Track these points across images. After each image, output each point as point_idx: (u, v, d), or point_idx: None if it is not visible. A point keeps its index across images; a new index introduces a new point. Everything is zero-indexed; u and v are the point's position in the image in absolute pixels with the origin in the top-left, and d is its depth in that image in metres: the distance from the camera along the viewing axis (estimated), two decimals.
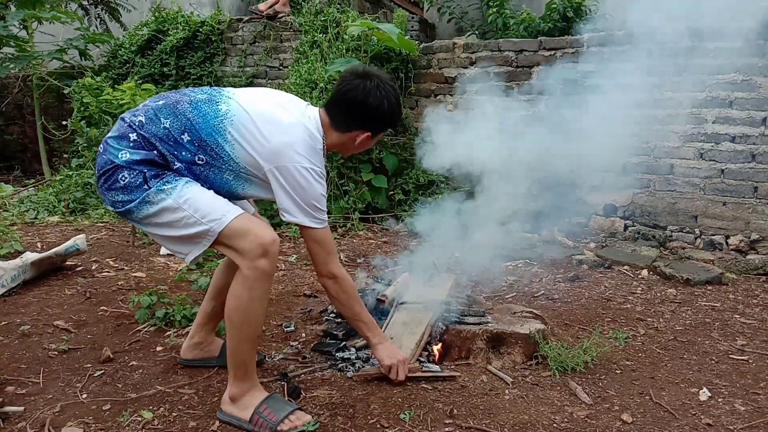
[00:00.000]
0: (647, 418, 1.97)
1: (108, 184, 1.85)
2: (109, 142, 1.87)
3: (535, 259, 3.91)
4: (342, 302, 2.05)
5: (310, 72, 5.05)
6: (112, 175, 1.83)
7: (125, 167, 1.82)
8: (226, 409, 1.90)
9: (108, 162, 1.84)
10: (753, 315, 2.96)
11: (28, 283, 3.11)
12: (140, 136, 1.84)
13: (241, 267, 1.79)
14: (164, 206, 1.80)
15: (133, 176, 1.82)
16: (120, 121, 1.92)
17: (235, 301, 1.81)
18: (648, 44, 4.14)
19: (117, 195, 1.84)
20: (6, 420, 1.86)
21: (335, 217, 4.69)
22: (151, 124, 1.86)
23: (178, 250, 1.88)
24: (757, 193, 3.99)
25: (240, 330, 1.83)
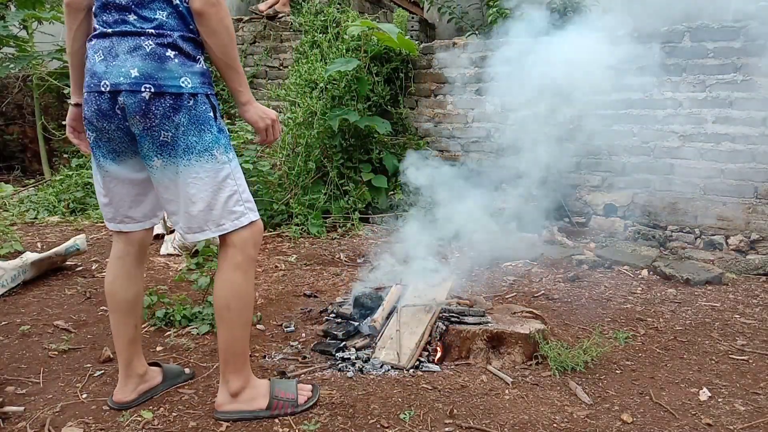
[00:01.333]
0: (647, 418, 1.97)
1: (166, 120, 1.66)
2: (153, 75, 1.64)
3: (535, 259, 3.91)
4: (222, 36, 1.71)
5: (310, 72, 5.05)
6: (178, 101, 1.66)
7: (191, 93, 1.68)
8: (230, 408, 1.87)
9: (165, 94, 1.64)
10: (753, 315, 2.96)
11: (28, 283, 3.12)
12: (176, 45, 1.67)
13: (233, 253, 1.79)
14: (221, 163, 1.74)
15: (199, 101, 1.71)
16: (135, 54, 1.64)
17: (232, 288, 1.79)
18: (649, 44, 4.15)
19: (195, 136, 1.69)
20: (6, 420, 1.86)
21: (335, 217, 4.69)
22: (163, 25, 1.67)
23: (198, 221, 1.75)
24: (757, 193, 3.99)
25: (240, 316, 1.82)
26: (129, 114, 1.66)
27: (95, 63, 1.68)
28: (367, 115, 4.92)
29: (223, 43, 1.73)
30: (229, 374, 1.86)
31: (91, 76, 1.69)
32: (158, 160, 1.71)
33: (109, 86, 1.65)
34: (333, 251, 4.08)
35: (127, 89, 1.64)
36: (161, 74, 1.65)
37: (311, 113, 4.89)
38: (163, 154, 1.70)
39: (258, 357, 2.38)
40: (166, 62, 1.66)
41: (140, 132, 1.68)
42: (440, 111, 5.21)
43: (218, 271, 1.83)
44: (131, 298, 1.93)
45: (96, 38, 1.70)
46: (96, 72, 1.67)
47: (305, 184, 4.80)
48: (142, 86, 1.63)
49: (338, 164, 4.84)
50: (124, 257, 1.92)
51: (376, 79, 5.07)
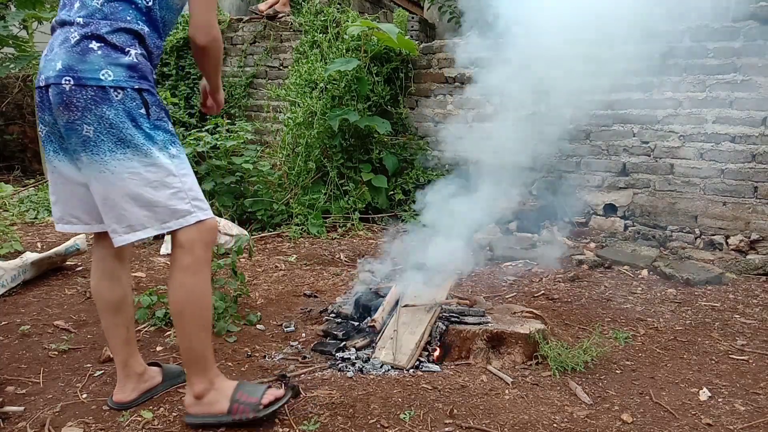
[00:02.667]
0: (647, 418, 1.97)
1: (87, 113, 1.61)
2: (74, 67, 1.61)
3: (535, 259, 3.91)
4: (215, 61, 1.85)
5: (310, 72, 5.05)
6: (100, 93, 1.61)
7: (113, 86, 1.62)
8: (196, 411, 1.83)
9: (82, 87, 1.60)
10: (753, 315, 2.96)
11: (28, 283, 3.11)
12: (101, 37, 1.62)
13: (181, 255, 1.73)
14: (160, 160, 1.67)
15: (129, 95, 1.64)
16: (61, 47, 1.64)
17: (184, 292, 1.74)
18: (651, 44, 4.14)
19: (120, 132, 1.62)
20: (6, 420, 1.86)
21: (335, 217, 4.69)
22: (93, 15, 1.65)
23: (138, 217, 1.68)
24: (757, 193, 3.99)
25: (195, 320, 1.76)
26: (54, 107, 1.64)
27: (43, 59, 1.70)
28: (367, 115, 4.92)
29: (217, 65, 1.88)
30: (192, 376, 1.82)
31: (39, 73, 1.70)
32: (84, 156, 1.64)
33: (43, 80, 1.65)
34: (333, 251, 4.08)
35: (53, 83, 1.62)
36: (81, 66, 1.61)
37: (311, 113, 4.89)
38: (87, 150, 1.63)
39: (258, 357, 2.38)
40: (87, 54, 1.61)
41: (64, 126, 1.64)
42: (440, 111, 5.21)
43: (169, 275, 1.77)
44: (116, 299, 1.91)
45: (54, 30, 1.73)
46: (41, 69, 1.68)
47: (305, 184, 4.80)
48: (63, 79, 1.61)
49: (338, 164, 4.84)
50: (103, 259, 1.90)
51: (376, 79, 5.07)
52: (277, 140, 5.42)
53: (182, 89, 6.04)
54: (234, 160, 4.59)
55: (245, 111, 6.08)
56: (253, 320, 2.74)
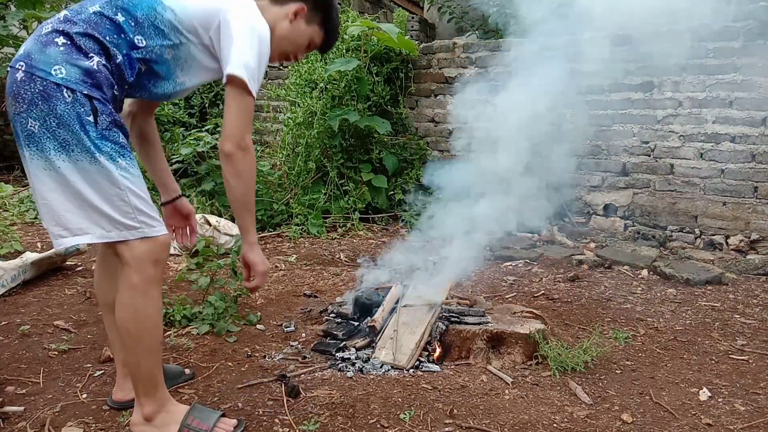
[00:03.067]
0: (647, 418, 1.97)
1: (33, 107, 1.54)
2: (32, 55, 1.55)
3: (535, 259, 3.91)
4: (245, 180, 1.73)
5: (310, 72, 5.05)
6: (48, 89, 1.53)
7: (64, 85, 1.54)
8: (140, 431, 1.76)
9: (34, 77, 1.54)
10: (753, 315, 2.96)
11: (28, 283, 3.11)
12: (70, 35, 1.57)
13: (129, 271, 1.64)
14: (106, 169, 1.58)
15: (78, 100, 1.55)
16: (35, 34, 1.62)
17: (129, 311, 1.66)
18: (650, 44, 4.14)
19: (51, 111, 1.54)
20: (6, 420, 1.86)
21: (335, 217, 4.69)
22: (78, 15, 1.61)
23: (78, 221, 1.60)
24: (757, 193, 3.99)
25: (141, 341, 1.68)
26: (6, 92, 1.59)
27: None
28: (367, 115, 4.92)
29: (245, 186, 1.74)
30: (140, 397, 1.75)
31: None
32: (26, 151, 1.58)
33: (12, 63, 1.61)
34: (333, 251, 4.08)
35: (11, 66, 1.58)
36: (38, 56, 1.56)
37: (311, 113, 4.89)
38: (30, 145, 1.57)
39: (258, 357, 2.38)
40: (48, 46, 1.57)
41: (12, 115, 1.58)
42: (440, 111, 5.21)
43: (118, 292, 1.69)
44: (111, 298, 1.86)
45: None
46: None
47: (305, 184, 4.80)
48: (18, 63, 1.57)
49: (338, 164, 4.84)
50: (106, 258, 1.89)
51: (376, 79, 5.07)
52: (277, 140, 5.42)
53: None
54: None
55: None
56: (253, 320, 2.74)
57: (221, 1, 1.71)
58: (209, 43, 1.72)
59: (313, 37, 1.94)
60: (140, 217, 1.64)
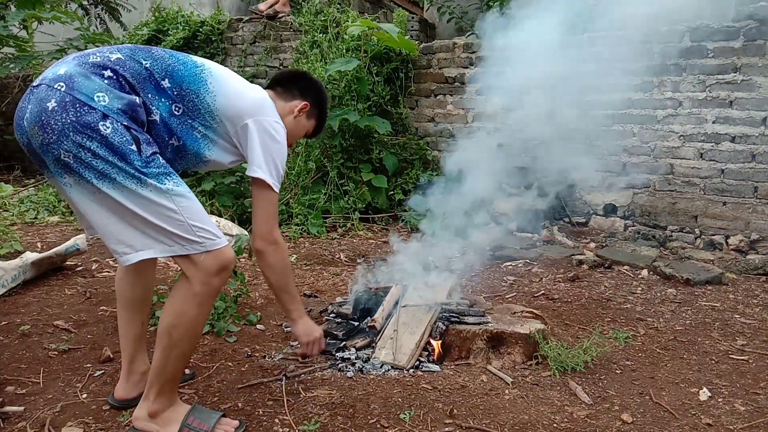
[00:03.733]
0: (647, 418, 1.97)
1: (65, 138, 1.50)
2: (74, 78, 1.54)
3: (535, 259, 3.91)
4: (277, 271, 1.91)
5: (310, 72, 5.05)
6: (86, 117, 1.51)
7: (104, 113, 1.53)
8: (144, 427, 1.77)
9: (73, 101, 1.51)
10: (753, 315, 2.96)
11: (28, 283, 3.11)
12: (118, 74, 1.60)
13: (192, 281, 1.65)
14: (156, 191, 1.58)
15: (118, 130, 1.53)
16: (77, 60, 1.61)
17: (179, 318, 1.67)
18: (650, 44, 4.15)
19: (87, 143, 1.50)
20: (6, 420, 1.86)
21: (335, 217, 4.69)
22: (131, 61, 1.66)
23: (140, 238, 1.60)
24: (757, 193, 3.99)
25: (178, 347, 1.70)
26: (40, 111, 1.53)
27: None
28: (367, 115, 4.92)
29: (280, 275, 1.92)
30: (152, 394, 1.76)
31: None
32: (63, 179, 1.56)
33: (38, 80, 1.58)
34: (333, 251, 4.08)
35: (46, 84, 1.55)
36: (82, 81, 1.55)
37: None
38: (67, 175, 1.55)
39: (258, 357, 2.38)
40: (93, 76, 1.58)
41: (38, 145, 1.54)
42: (440, 111, 5.21)
43: (172, 294, 1.71)
44: (139, 295, 1.94)
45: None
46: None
47: (305, 184, 4.80)
48: (56, 83, 1.54)
49: (338, 164, 4.84)
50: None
51: (376, 79, 5.07)
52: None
53: None
54: None
55: None
56: (253, 320, 2.74)
57: (252, 104, 1.82)
58: (235, 137, 1.83)
59: (309, 128, 2.11)
60: (200, 233, 1.64)
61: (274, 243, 1.86)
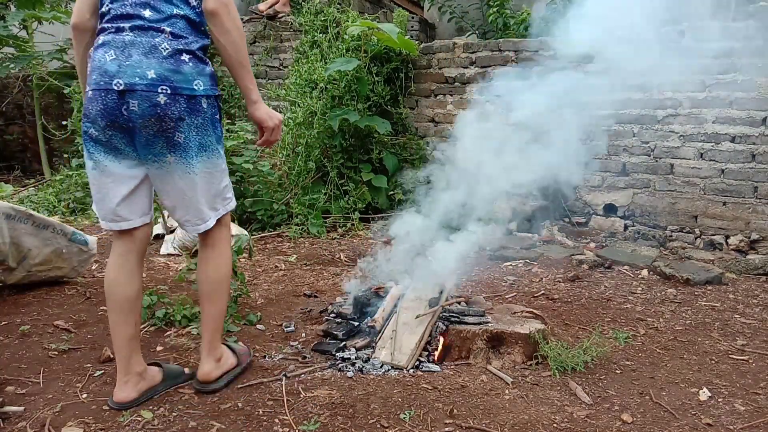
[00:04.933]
0: (647, 418, 1.97)
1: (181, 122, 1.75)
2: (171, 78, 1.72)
3: (535, 259, 3.91)
4: (235, 37, 1.81)
5: (310, 72, 5.05)
6: (189, 110, 1.75)
7: (203, 96, 1.79)
8: (217, 374, 2.03)
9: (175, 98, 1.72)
10: (753, 315, 2.96)
11: (28, 283, 3.09)
12: (191, 51, 1.79)
13: (222, 236, 1.98)
14: (222, 157, 1.91)
15: (213, 105, 1.83)
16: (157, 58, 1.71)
17: (223, 271, 1.98)
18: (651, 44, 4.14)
19: (206, 135, 1.81)
20: (6, 420, 1.86)
21: (335, 217, 4.69)
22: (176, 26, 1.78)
23: (207, 210, 1.90)
24: (757, 193, 3.99)
25: (227, 294, 2.03)
26: (142, 114, 1.70)
27: (105, 62, 1.70)
28: (367, 115, 4.92)
29: (235, 41, 1.82)
30: (215, 343, 2.02)
31: (101, 74, 1.70)
32: (171, 157, 1.78)
33: (122, 85, 1.68)
34: (333, 251, 4.08)
35: (142, 89, 1.68)
36: (176, 77, 1.72)
37: (311, 113, 4.89)
38: (176, 152, 1.77)
39: (258, 357, 2.38)
40: (181, 66, 1.73)
41: (154, 132, 1.74)
42: (440, 111, 5.21)
43: (215, 250, 1.96)
44: (133, 294, 1.94)
45: (106, 35, 1.73)
46: (107, 70, 1.69)
47: (305, 184, 4.80)
48: (158, 88, 1.69)
49: (338, 164, 4.84)
50: (126, 255, 1.93)
51: (376, 79, 5.07)
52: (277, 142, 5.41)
53: None
54: (234, 160, 4.58)
55: (245, 111, 6.07)
56: (253, 320, 2.74)
57: None
58: None
59: None
60: (229, 192, 1.99)
61: (228, 4, 1.78)
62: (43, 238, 2.96)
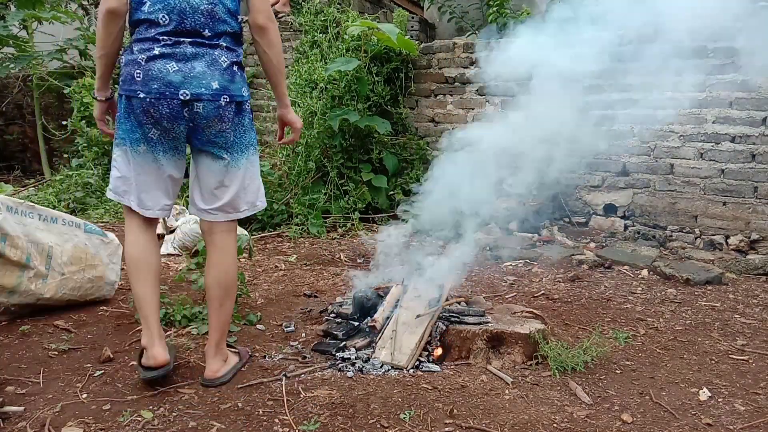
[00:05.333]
0: (647, 418, 1.97)
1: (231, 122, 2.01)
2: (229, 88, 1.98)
3: (535, 259, 3.91)
4: (279, 49, 2.07)
5: (310, 72, 5.05)
6: (238, 112, 2.03)
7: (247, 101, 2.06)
8: (225, 371, 2.14)
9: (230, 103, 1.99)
10: (753, 315, 2.96)
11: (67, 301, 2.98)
12: (239, 64, 2.05)
13: (234, 239, 2.16)
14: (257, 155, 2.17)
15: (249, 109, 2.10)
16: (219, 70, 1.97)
17: (231, 272, 2.13)
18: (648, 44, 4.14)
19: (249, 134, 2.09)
20: (6, 420, 1.86)
21: (335, 217, 4.69)
22: (231, 41, 2.04)
23: (252, 199, 2.14)
24: (757, 193, 3.99)
25: (234, 296, 2.18)
26: (207, 118, 1.96)
27: (168, 72, 1.90)
28: (367, 115, 4.92)
29: (278, 51, 2.07)
30: (223, 343, 2.16)
31: (165, 84, 1.91)
32: (227, 155, 2.04)
33: (189, 95, 1.91)
34: (333, 251, 4.08)
35: (208, 99, 1.94)
36: (232, 86, 1.98)
37: (311, 113, 4.89)
38: (232, 150, 2.04)
39: (258, 357, 2.38)
40: (235, 77, 2.00)
41: (216, 132, 2.00)
42: (440, 111, 5.21)
43: (224, 254, 2.11)
44: (158, 263, 2.15)
45: (165, 48, 1.91)
46: (171, 81, 1.91)
47: (305, 184, 4.80)
48: (221, 97, 1.95)
49: (338, 164, 4.84)
50: (146, 228, 2.13)
51: (376, 79, 5.07)
52: None
53: None
54: None
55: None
56: (253, 320, 2.74)
57: None
58: None
59: None
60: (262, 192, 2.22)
61: (275, 21, 2.02)
62: (58, 233, 2.74)
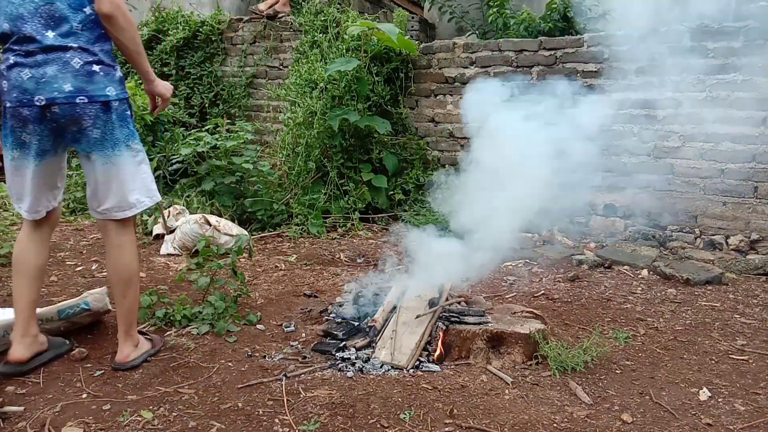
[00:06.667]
0: (647, 418, 1.97)
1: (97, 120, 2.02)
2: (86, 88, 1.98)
3: (535, 259, 3.91)
4: (131, 33, 2.06)
5: (310, 72, 5.05)
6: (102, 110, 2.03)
7: (115, 100, 2.06)
8: (135, 356, 2.24)
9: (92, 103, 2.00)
10: (753, 315, 2.96)
11: None
12: (101, 62, 2.03)
13: (129, 234, 2.19)
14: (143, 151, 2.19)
15: (123, 106, 2.09)
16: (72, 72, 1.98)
17: (131, 265, 2.19)
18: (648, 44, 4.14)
19: (120, 131, 2.08)
20: (6, 420, 1.86)
21: (335, 217, 4.69)
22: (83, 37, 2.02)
23: (139, 196, 2.15)
24: (757, 193, 3.99)
25: (137, 286, 2.23)
26: (66, 120, 1.98)
27: (23, 80, 1.94)
28: (367, 115, 4.92)
29: (132, 35, 2.06)
30: (131, 331, 2.24)
31: (22, 92, 1.95)
32: (94, 154, 2.05)
33: (44, 101, 1.94)
34: (333, 251, 4.08)
35: (62, 102, 1.95)
36: (91, 87, 1.98)
37: (311, 113, 4.89)
38: (101, 148, 2.05)
39: (258, 357, 2.38)
40: (94, 77, 1.99)
41: (78, 131, 2.02)
42: (440, 111, 5.21)
43: (123, 245, 2.16)
44: (41, 263, 2.22)
45: (18, 56, 1.95)
46: (27, 89, 1.95)
47: (305, 184, 4.80)
48: (76, 98, 1.96)
49: (338, 164, 4.84)
50: (41, 228, 2.21)
51: (376, 79, 5.07)
52: (277, 140, 5.42)
53: (182, 89, 6.04)
54: (234, 160, 4.59)
55: (245, 111, 6.08)
56: (253, 320, 2.74)
57: None
58: None
59: None
60: (153, 184, 2.22)
61: (120, 5, 2.00)
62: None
